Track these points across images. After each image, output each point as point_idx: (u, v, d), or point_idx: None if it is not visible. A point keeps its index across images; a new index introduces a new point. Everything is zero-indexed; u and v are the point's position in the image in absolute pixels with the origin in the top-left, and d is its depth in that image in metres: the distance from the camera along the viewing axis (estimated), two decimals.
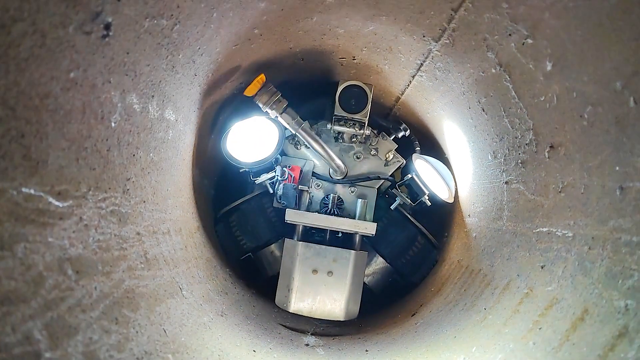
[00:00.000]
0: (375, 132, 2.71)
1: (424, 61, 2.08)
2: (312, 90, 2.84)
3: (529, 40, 1.40)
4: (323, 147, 2.39)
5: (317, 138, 2.38)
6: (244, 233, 2.62)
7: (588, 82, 1.24)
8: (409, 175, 2.58)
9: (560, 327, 1.26)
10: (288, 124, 2.28)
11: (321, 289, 2.40)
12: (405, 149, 2.77)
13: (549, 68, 1.38)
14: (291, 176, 2.56)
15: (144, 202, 1.67)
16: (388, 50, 2.16)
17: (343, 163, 2.57)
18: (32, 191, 1.02)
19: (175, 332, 1.49)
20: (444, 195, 2.51)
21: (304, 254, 2.40)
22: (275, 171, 2.54)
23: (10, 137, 0.94)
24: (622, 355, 1.02)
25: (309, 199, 2.63)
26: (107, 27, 1.16)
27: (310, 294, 2.40)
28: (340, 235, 2.70)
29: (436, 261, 2.69)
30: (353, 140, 2.68)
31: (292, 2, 1.78)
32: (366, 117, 2.49)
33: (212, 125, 2.47)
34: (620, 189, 1.18)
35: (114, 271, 1.31)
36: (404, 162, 2.74)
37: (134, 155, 1.57)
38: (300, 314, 2.40)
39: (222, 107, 2.45)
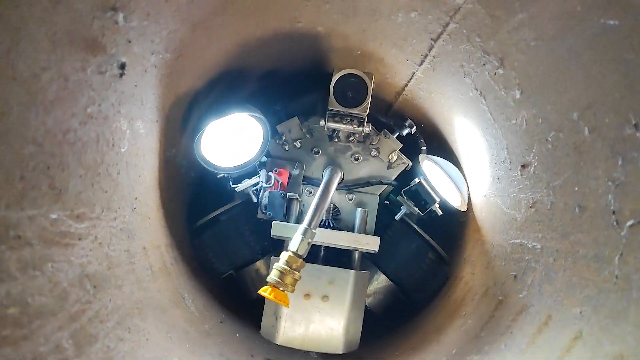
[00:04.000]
0: (376, 129, 2.33)
1: (408, 82, 2.22)
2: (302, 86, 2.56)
3: (500, 71, 1.54)
4: (328, 193, 1.93)
5: (317, 204, 1.86)
6: (225, 249, 2.26)
7: (551, 110, 1.39)
8: (417, 180, 2.24)
9: (528, 331, 1.41)
10: (308, 243, 1.76)
11: (315, 316, 2.01)
12: (408, 148, 2.40)
13: (518, 96, 1.52)
14: (278, 182, 2.20)
15: (149, 218, 1.81)
16: (375, 70, 2.30)
17: (339, 167, 2.27)
18: (56, 216, 1.15)
19: (180, 339, 1.62)
20: (456, 202, 2.19)
21: None
22: (259, 176, 2.20)
23: (39, 170, 1.07)
24: (577, 355, 1.17)
25: (300, 208, 2.23)
26: (122, 66, 1.30)
27: (301, 323, 2.01)
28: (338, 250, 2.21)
29: (447, 278, 2.35)
30: (350, 139, 2.31)
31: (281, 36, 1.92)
32: (366, 111, 2.12)
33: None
34: (579, 207, 1.32)
35: (124, 284, 1.45)
36: (410, 164, 2.37)
37: (139, 175, 1.69)
38: (290, 346, 2.03)
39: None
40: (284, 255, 1.68)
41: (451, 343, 1.83)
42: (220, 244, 2.26)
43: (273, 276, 1.64)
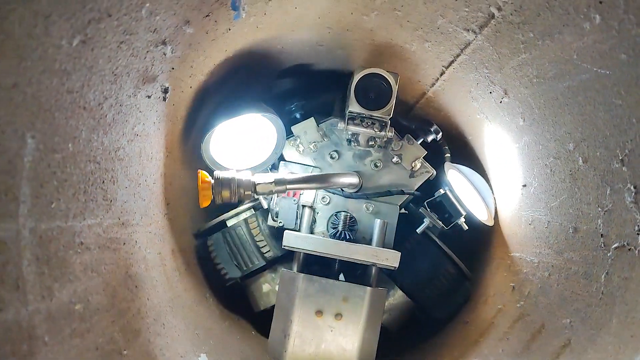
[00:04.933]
0: (399, 134, 2.17)
1: (419, 100, 2.36)
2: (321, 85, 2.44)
3: (505, 99, 1.69)
4: (319, 181, 1.92)
5: (305, 177, 1.92)
6: (231, 255, 2.13)
7: (550, 139, 1.53)
8: (441, 191, 2.08)
9: (524, 337, 1.55)
10: (266, 197, 1.84)
11: (327, 335, 1.84)
12: (428, 155, 2.20)
13: (521, 123, 1.67)
14: None
15: (176, 222, 1.96)
16: None
17: (357, 173, 2.12)
18: (107, 224, 1.30)
19: (205, 335, 1.77)
20: (483, 216, 2.04)
21: (306, 290, 1.84)
22: None
23: (97, 185, 1.23)
24: None
25: (313, 217, 2.09)
26: (166, 91, 1.45)
27: (312, 342, 1.84)
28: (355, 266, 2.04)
29: (468, 296, 2.20)
30: (371, 143, 2.13)
31: None
32: (389, 114, 1.96)
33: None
34: (572, 228, 1.47)
35: (158, 284, 1.60)
36: (434, 173, 2.18)
37: (170, 183, 1.85)
38: None
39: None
40: (247, 175, 1.70)
41: (450, 346, 1.98)
42: (226, 250, 2.14)
43: (221, 175, 1.66)
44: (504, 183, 2.00)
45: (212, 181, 1.65)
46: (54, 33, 0.88)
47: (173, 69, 1.46)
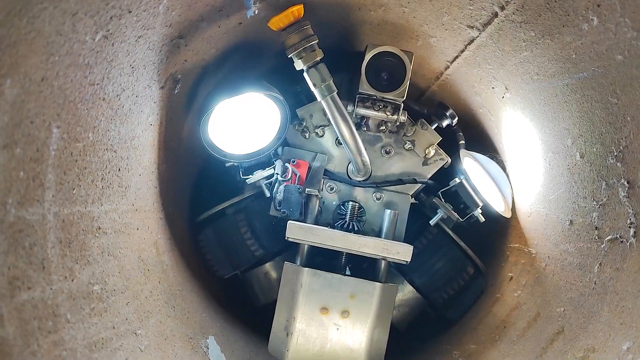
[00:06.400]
0: (412, 119, 1.98)
1: (424, 93, 2.41)
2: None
3: (507, 95, 1.73)
4: (353, 134, 1.76)
5: (349, 118, 1.74)
6: (231, 246, 2.00)
7: (549, 134, 1.58)
8: (457, 180, 1.93)
9: (520, 325, 1.62)
10: (314, 84, 1.65)
11: (332, 334, 1.72)
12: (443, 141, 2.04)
13: (521, 117, 1.72)
14: (296, 175, 1.90)
15: (185, 208, 2.02)
16: None
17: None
18: (122, 209, 1.36)
19: (212, 318, 1.84)
20: (500, 207, 1.91)
21: (311, 285, 1.71)
22: (274, 168, 1.90)
23: (113, 172, 1.28)
24: (558, 347, 1.38)
25: (319, 206, 1.91)
26: (178, 81, 1.51)
27: (316, 341, 1.71)
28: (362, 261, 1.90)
29: (482, 292, 2.06)
30: (381, 128, 1.96)
31: None
32: (402, 96, 1.83)
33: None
34: (569, 221, 1.52)
35: (169, 269, 1.66)
36: (449, 160, 2.02)
37: (179, 171, 1.91)
38: None
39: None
40: (320, 56, 1.66)
41: (449, 334, 2.05)
42: (226, 241, 2.00)
43: (309, 29, 1.61)
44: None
45: (298, 21, 1.57)
46: (80, 29, 0.94)
47: (186, 61, 1.52)
